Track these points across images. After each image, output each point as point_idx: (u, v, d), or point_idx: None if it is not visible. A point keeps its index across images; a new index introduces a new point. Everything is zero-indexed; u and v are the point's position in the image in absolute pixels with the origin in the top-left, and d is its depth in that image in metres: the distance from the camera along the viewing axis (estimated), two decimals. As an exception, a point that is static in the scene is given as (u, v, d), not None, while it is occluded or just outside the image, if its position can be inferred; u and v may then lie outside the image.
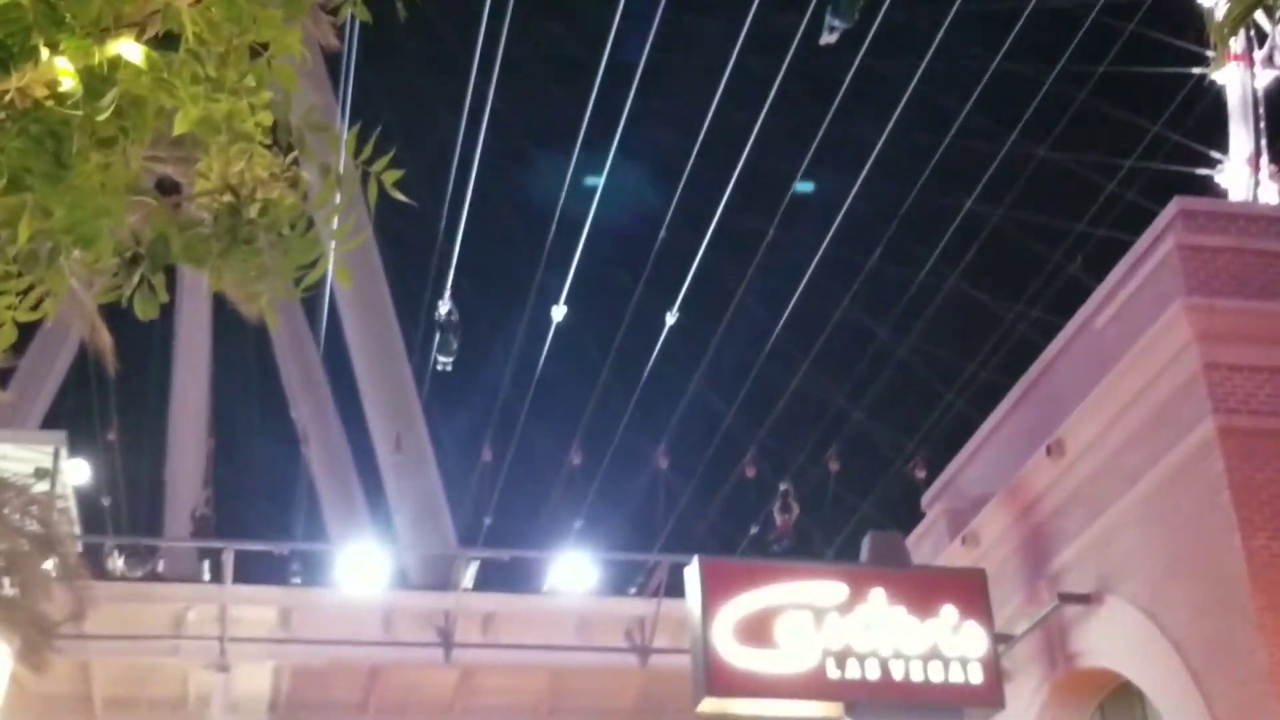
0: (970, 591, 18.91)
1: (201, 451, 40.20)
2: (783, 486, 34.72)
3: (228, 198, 5.73)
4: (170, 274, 6.34)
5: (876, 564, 19.59)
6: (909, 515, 26.05)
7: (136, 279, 5.83)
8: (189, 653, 28.77)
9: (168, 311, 45.72)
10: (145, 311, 5.86)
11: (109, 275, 5.76)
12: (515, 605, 30.29)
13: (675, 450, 38.18)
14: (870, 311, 37.02)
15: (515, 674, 30.46)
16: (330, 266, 6.46)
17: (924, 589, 18.89)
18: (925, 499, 23.46)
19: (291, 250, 5.69)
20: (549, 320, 38.99)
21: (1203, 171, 31.29)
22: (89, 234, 5.34)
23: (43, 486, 26.62)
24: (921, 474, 32.00)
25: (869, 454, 37.71)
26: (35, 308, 5.70)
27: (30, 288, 5.58)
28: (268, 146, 5.70)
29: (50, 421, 38.04)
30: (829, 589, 18.81)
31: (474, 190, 37.66)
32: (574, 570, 30.28)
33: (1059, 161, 33.96)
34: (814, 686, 18.47)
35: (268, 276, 5.82)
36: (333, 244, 6.13)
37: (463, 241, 38.59)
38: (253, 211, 5.79)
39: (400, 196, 5.69)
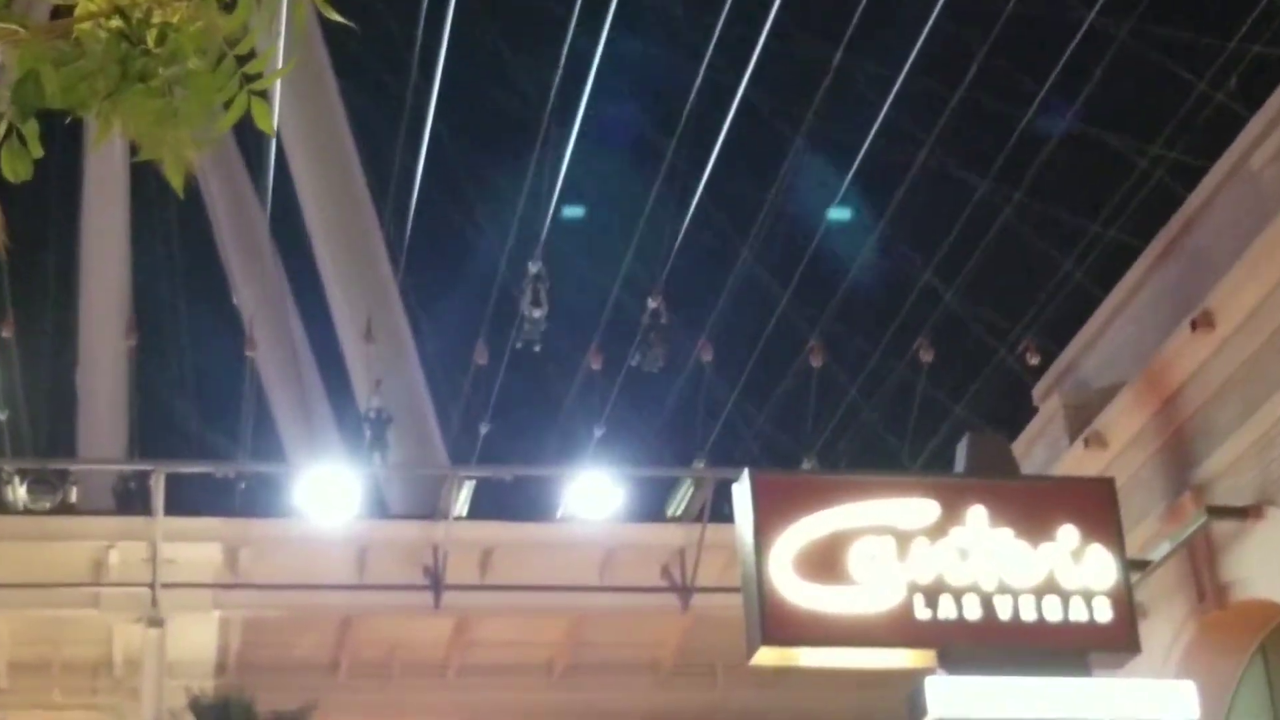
0: (1095, 507, 18.84)
1: (120, 352, 40.05)
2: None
3: (116, 21, 5.60)
4: (75, 128, 6.22)
5: (976, 475, 19.55)
6: (1017, 413, 26.01)
7: (2, 130, 5.74)
8: (113, 603, 28.59)
9: (73, 175, 45.54)
10: (15, 170, 5.78)
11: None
12: (522, 536, 30.50)
13: (720, 339, 38.07)
14: (964, 159, 36.69)
15: (523, 623, 30.59)
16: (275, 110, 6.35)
17: (1036, 505, 18.84)
18: (1037, 391, 23.42)
19: (198, 88, 5.57)
20: (557, 173, 38.80)
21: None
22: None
23: None
24: (1033, 360, 31.89)
25: (966, 338, 37.58)
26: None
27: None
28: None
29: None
30: (916, 508, 18.78)
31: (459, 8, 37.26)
32: (595, 491, 30.26)
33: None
34: (898, 630, 18.51)
35: (172, 123, 5.72)
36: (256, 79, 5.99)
37: (447, 78, 38.28)
38: (150, 40, 5.66)
39: (334, 16, 5.57)
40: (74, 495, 30.80)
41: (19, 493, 29.98)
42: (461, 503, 30.01)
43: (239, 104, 5.72)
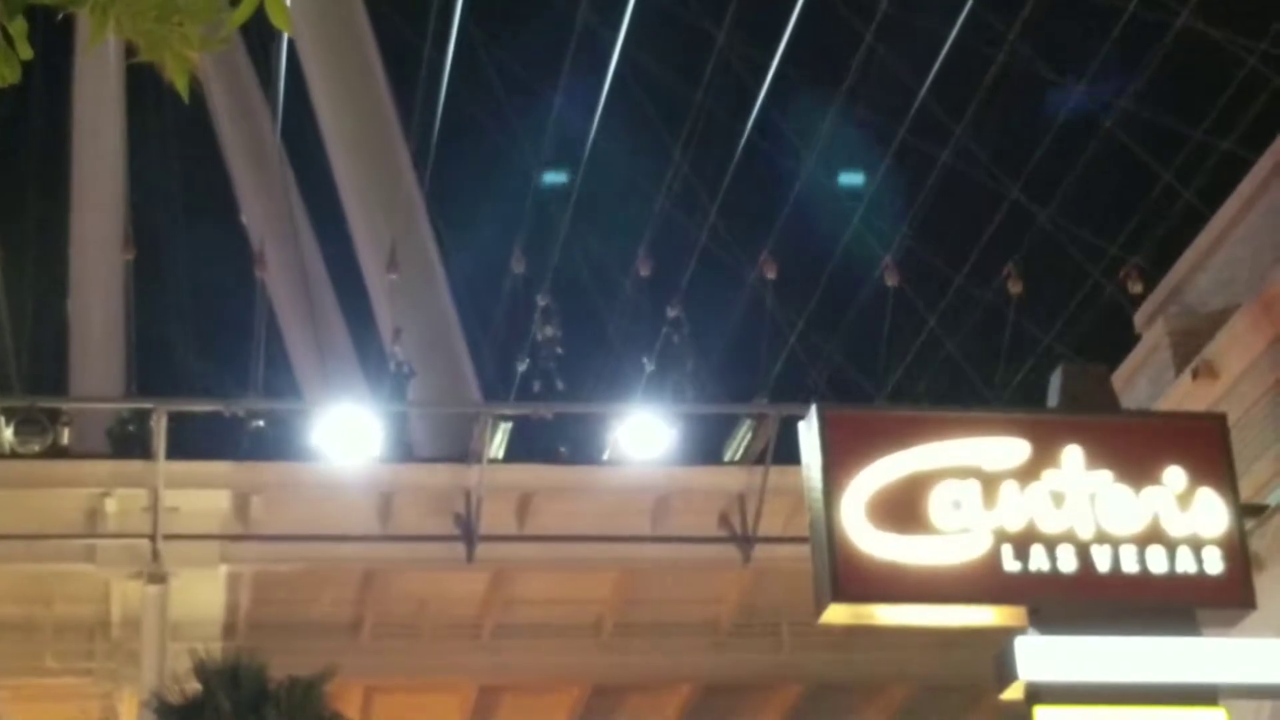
0: (1205, 446, 18.74)
1: (116, 275, 40.12)
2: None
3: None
4: (66, 27, 6.26)
5: (1071, 411, 19.54)
6: (1117, 342, 25.89)
7: None
8: (110, 556, 28.67)
9: (63, 79, 45.92)
10: (1, 74, 5.83)
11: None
12: (564, 480, 30.54)
13: (784, 260, 38.00)
14: (1060, 62, 36.51)
15: (566, 577, 30.76)
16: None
17: (1139, 444, 18.77)
18: (1140, 316, 23.37)
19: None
20: (600, 67, 38.72)
21: None
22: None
23: None
24: (1135, 288, 31.79)
25: (1060, 261, 37.42)
26: None
27: None
28: None
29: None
30: (1004, 448, 18.75)
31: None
32: (646, 431, 30.21)
33: None
34: (984, 584, 18.48)
35: (175, 19, 5.75)
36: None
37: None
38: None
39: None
40: (66, 437, 30.82)
41: (5, 434, 29.94)
42: (496, 444, 30.07)
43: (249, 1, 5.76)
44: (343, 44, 40.78)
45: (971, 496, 18.50)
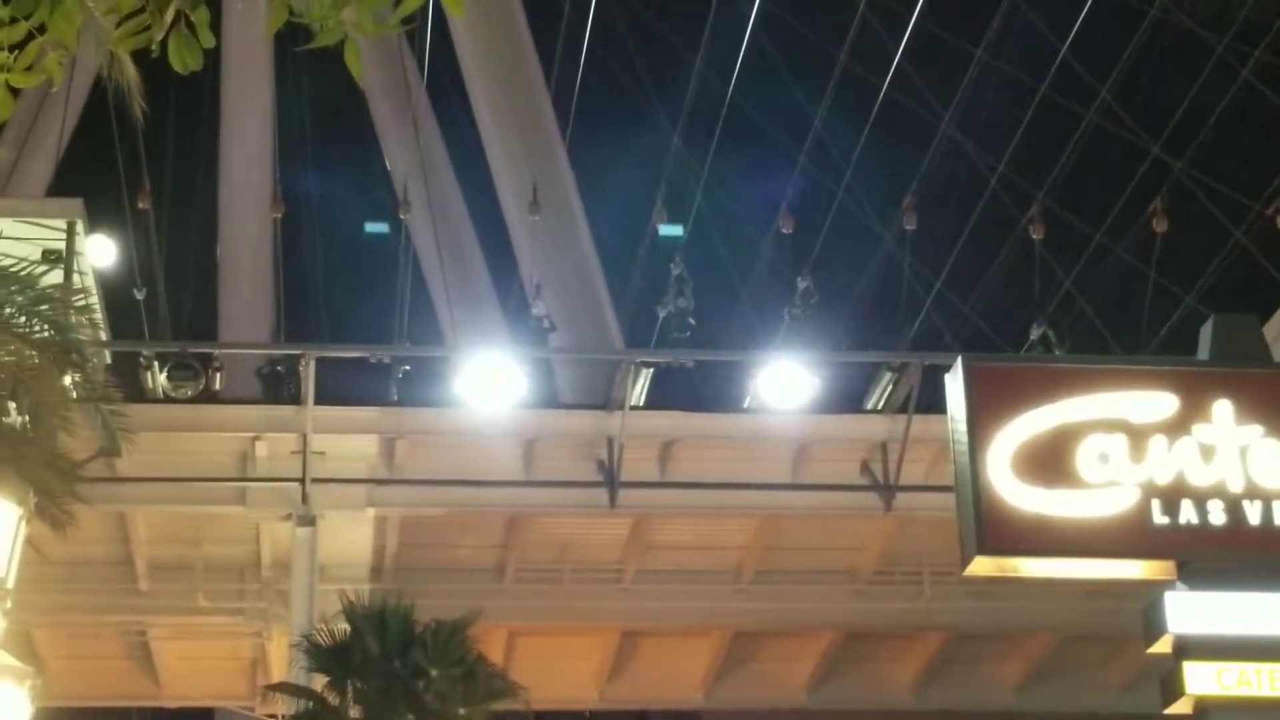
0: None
1: (266, 223, 40.64)
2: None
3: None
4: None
5: (1222, 363, 19.47)
6: (1269, 290, 25.53)
7: (170, 16, 5.87)
8: (260, 499, 29.13)
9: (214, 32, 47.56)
10: (184, 61, 5.92)
11: (130, 16, 5.80)
12: (705, 428, 30.67)
13: (926, 207, 37.79)
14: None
15: (707, 524, 30.92)
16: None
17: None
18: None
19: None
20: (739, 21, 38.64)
21: None
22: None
23: (55, 276, 27.21)
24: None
25: (1208, 205, 36.95)
26: (30, 68, 5.75)
27: (29, 37, 5.61)
28: None
29: (60, 188, 38.19)
30: (1153, 401, 18.80)
31: None
32: (787, 379, 30.31)
33: None
34: (1132, 538, 18.56)
35: (353, 4, 5.82)
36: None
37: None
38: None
39: None
40: (218, 382, 31.36)
41: (160, 379, 30.54)
42: (639, 391, 30.27)
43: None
44: None
45: (1119, 450, 18.61)
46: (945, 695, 34.57)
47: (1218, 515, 18.32)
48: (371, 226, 45.65)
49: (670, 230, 39.27)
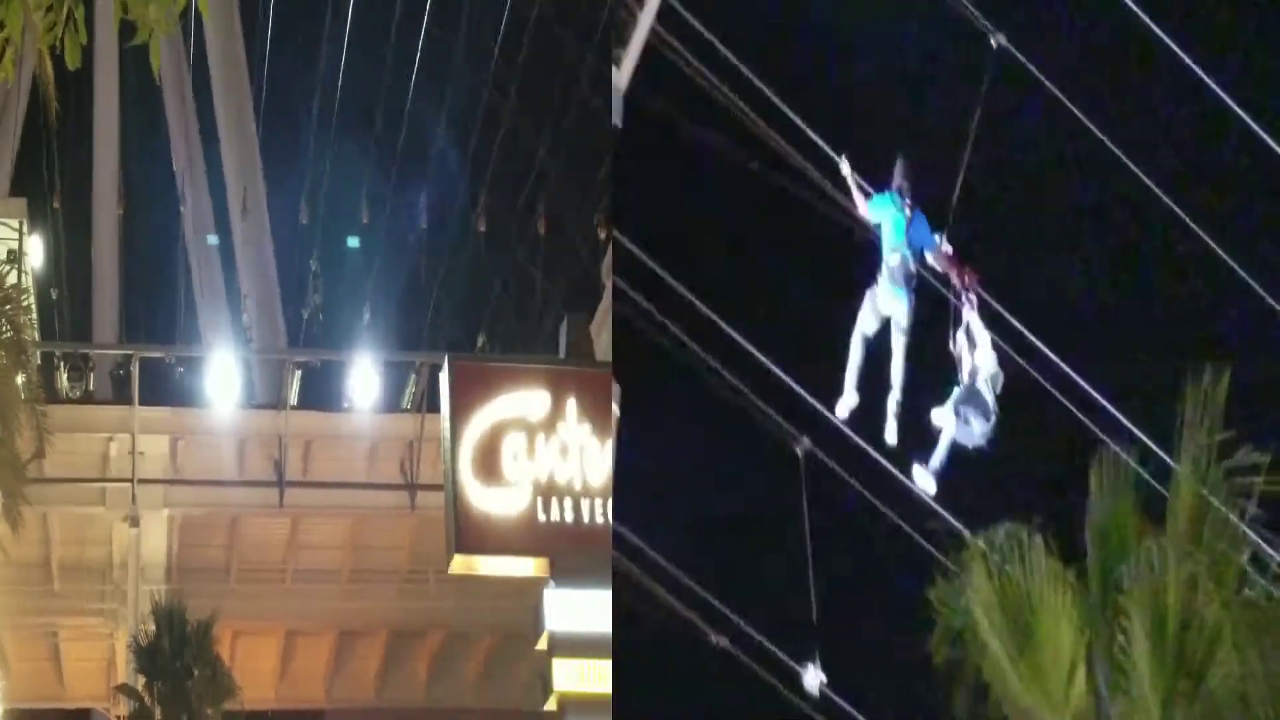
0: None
1: (114, 224, 43.09)
2: None
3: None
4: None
5: (569, 361, 19.21)
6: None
7: (65, 13, 6.85)
8: (113, 500, 30.12)
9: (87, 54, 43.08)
10: (72, 57, 6.86)
11: (47, 10, 6.94)
12: (324, 427, 31.86)
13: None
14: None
15: (328, 524, 32.46)
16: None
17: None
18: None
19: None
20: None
21: None
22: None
23: (12, 277, 26.44)
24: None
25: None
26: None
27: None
28: None
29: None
30: (539, 399, 18.78)
31: None
32: (364, 378, 31.38)
33: None
34: (526, 536, 18.56)
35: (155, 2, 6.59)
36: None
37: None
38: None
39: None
40: (92, 382, 32.59)
41: (64, 379, 31.76)
42: (294, 390, 30.89)
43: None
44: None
45: (522, 448, 18.59)
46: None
47: (569, 513, 18.63)
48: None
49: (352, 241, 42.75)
